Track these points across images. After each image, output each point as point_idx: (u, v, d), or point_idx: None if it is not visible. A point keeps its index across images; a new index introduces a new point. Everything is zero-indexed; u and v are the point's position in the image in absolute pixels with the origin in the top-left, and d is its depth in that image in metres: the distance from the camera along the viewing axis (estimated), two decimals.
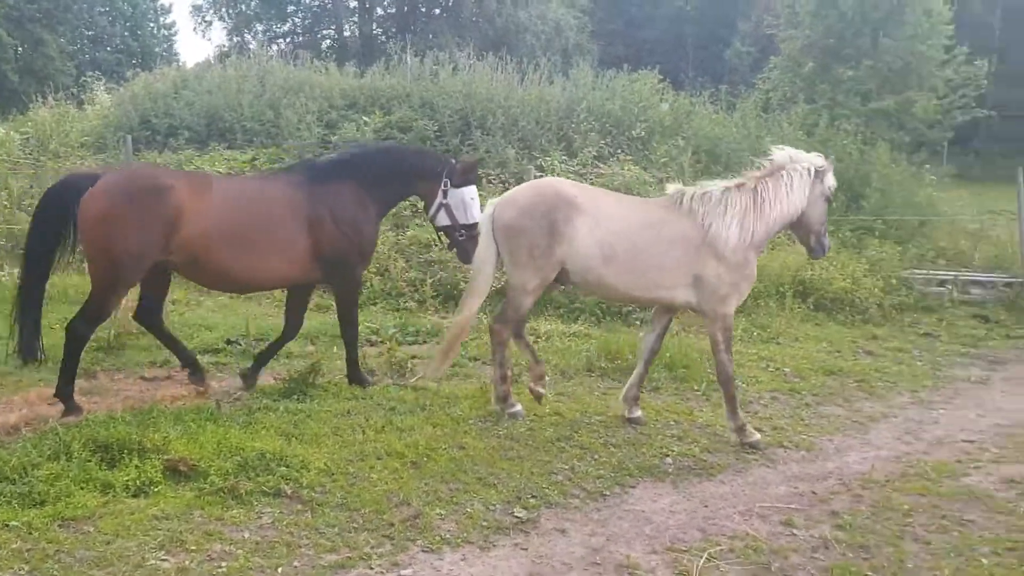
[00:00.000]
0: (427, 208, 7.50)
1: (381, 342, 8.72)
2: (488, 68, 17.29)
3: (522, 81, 17.13)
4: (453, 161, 7.41)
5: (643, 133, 15.21)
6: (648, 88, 17.10)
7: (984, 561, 4.96)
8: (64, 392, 6.46)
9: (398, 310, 10.20)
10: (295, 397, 6.96)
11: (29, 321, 6.53)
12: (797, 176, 6.64)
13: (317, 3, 46.37)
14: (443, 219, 7.33)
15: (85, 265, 7.34)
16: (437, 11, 43.54)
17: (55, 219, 6.45)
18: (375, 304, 10.29)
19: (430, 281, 10.50)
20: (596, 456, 6.24)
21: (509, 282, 6.80)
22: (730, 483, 5.98)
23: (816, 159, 6.83)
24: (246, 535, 4.73)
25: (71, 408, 6.42)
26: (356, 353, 7.46)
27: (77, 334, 6.51)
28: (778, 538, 5.17)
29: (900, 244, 13.72)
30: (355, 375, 7.45)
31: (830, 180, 6.81)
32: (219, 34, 75.51)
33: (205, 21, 47.32)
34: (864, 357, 9.69)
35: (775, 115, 18.01)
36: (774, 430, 7.13)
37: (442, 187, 7.23)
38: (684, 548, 4.96)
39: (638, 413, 7.01)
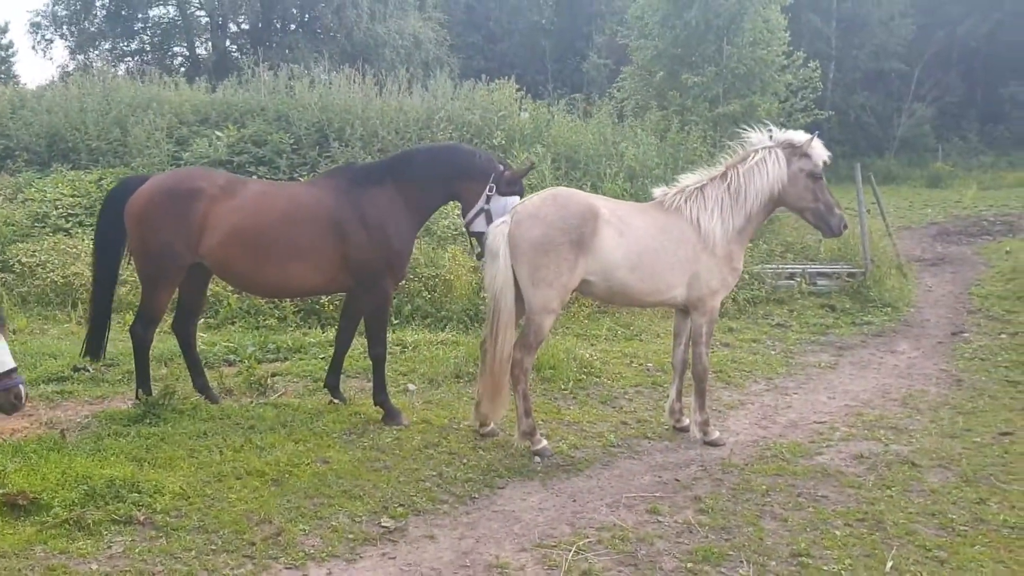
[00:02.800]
0: (464, 211, 6.91)
1: (240, 361, 8.41)
2: (345, 80, 17.07)
3: (380, 92, 16.98)
4: (502, 168, 6.86)
5: (503, 141, 15.32)
6: (507, 97, 17.26)
7: (837, 533, 5.19)
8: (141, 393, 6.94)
9: (258, 328, 9.88)
10: (148, 421, 6.61)
11: (96, 322, 7.05)
12: (771, 157, 6.59)
13: (167, 20, 44.72)
14: (480, 225, 6.74)
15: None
16: (293, 26, 42.73)
17: (111, 221, 6.85)
18: (233, 324, 9.94)
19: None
20: (465, 460, 6.19)
21: (530, 305, 6.26)
22: (597, 477, 6.05)
23: (794, 135, 6.72)
24: (94, 567, 4.46)
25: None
26: (383, 374, 7.01)
27: (136, 337, 6.92)
28: (644, 526, 5.26)
29: (751, 240, 14.27)
30: (380, 398, 7.00)
31: (816, 155, 6.62)
32: (62, 53, 71.58)
33: (45, 40, 44.77)
34: (722, 349, 10.02)
35: (630, 122, 18.51)
36: (639, 422, 7.27)
37: (487, 191, 6.72)
38: (553, 543, 4.97)
39: (687, 422, 6.95)
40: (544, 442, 6.47)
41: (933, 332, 11.44)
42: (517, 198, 6.68)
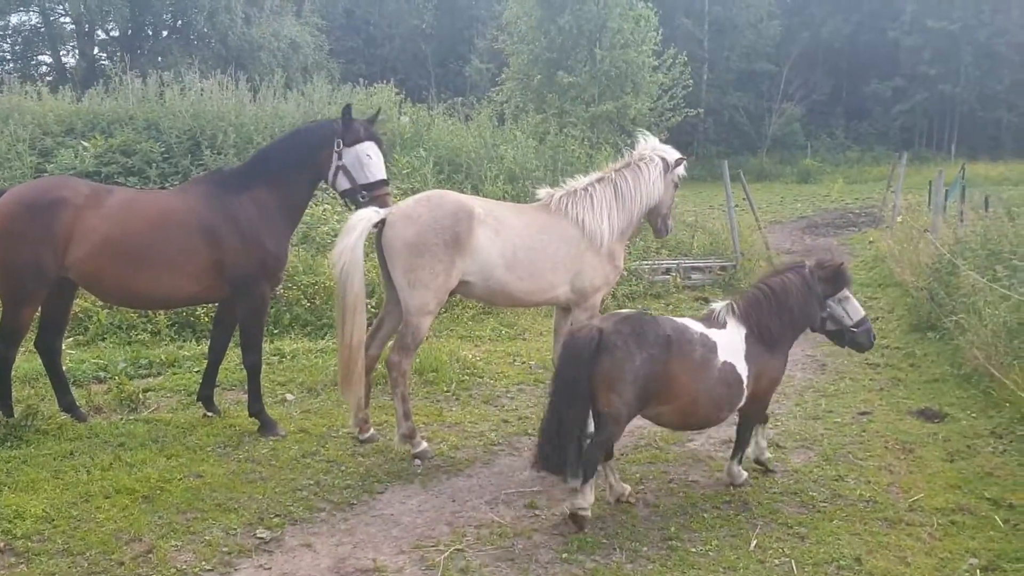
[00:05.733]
0: (326, 178, 6.68)
1: (111, 378, 8.11)
2: (219, 86, 16.65)
3: (255, 98, 16.64)
4: (344, 120, 6.56)
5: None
6: (386, 101, 17.18)
7: (706, 516, 5.41)
8: None
9: (130, 343, 9.53)
10: (8, 443, 6.32)
11: None
12: (655, 167, 6.88)
13: (28, 27, 42.63)
14: (343, 183, 6.57)
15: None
16: (165, 32, 41.39)
17: None
18: (103, 339, 9.56)
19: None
20: (343, 468, 6.15)
21: (407, 307, 6.22)
22: (478, 476, 6.11)
23: (671, 152, 7.09)
24: None
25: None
26: (258, 383, 6.86)
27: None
28: (522, 521, 5.35)
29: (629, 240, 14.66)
30: (256, 408, 6.86)
31: (681, 169, 7.15)
32: None
33: None
34: None
35: (510, 125, 18.72)
36: (520, 420, 7.37)
37: (335, 149, 6.50)
38: (432, 544, 5.00)
39: None
40: (424, 444, 6.49)
41: None
42: (372, 144, 6.55)
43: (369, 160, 6.52)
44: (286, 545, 4.98)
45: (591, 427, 5.21)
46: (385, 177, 6.64)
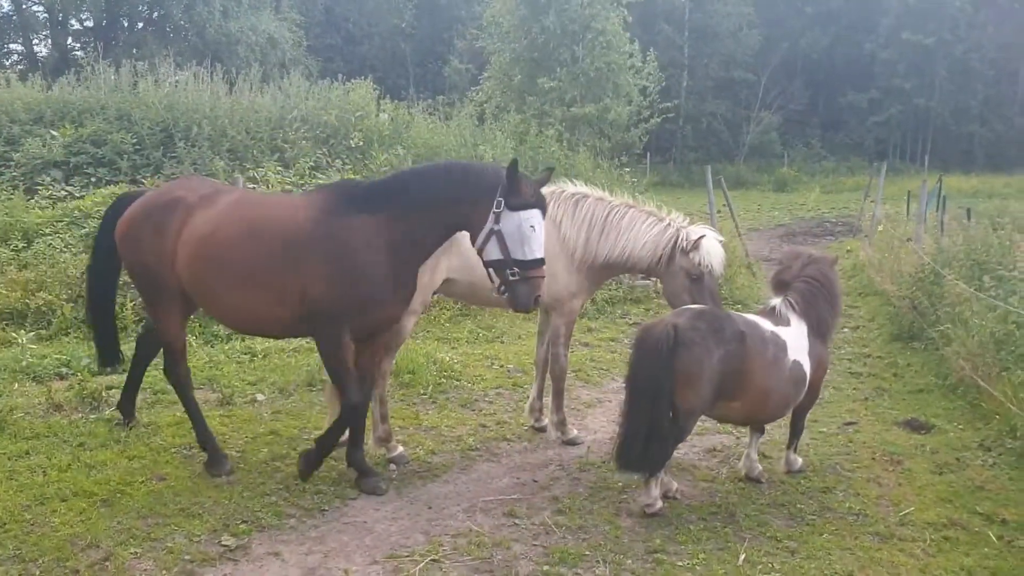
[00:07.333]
0: (473, 238, 5.34)
1: (73, 374, 7.80)
2: (193, 78, 16.31)
3: (231, 91, 16.31)
4: (513, 176, 5.15)
5: (361, 142, 14.97)
6: (364, 98, 16.91)
7: (692, 527, 5.21)
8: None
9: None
10: None
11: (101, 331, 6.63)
12: (660, 227, 6.40)
13: (0, 16, 41.84)
14: (493, 252, 5.22)
15: None
16: (141, 24, 40.80)
17: (106, 240, 6.16)
18: (67, 335, 9.21)
19: (131, 305, 9.57)
20: (315, 471, 5.89)
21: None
22: (455, 482, 5.88)
23: (695, 233, 6.28)
24: None
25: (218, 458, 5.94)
26: (360, 427, 5.71)
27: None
28: (501, 530, 5.13)
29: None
30: (355, 457, 5.75)
31: (699, 258, 6.26)
32: None
33: None
34: (581, 348, 10.03)
35: (490, 124, 18.51)
36: (498, 424, 7.15)
37: (494, 208, 5.14)
38: (406, 554, 4.78)
39: (546, 422, 6.93)
40: (400, 448, 6.27)
41: None
42: (538, 213, 5.19)
43: (532, 233, 5.16)
44: (253, 553, 4.73)
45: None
46: (543, 256, 5.29)
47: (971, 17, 46.78)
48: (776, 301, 5.88)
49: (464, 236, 5.59)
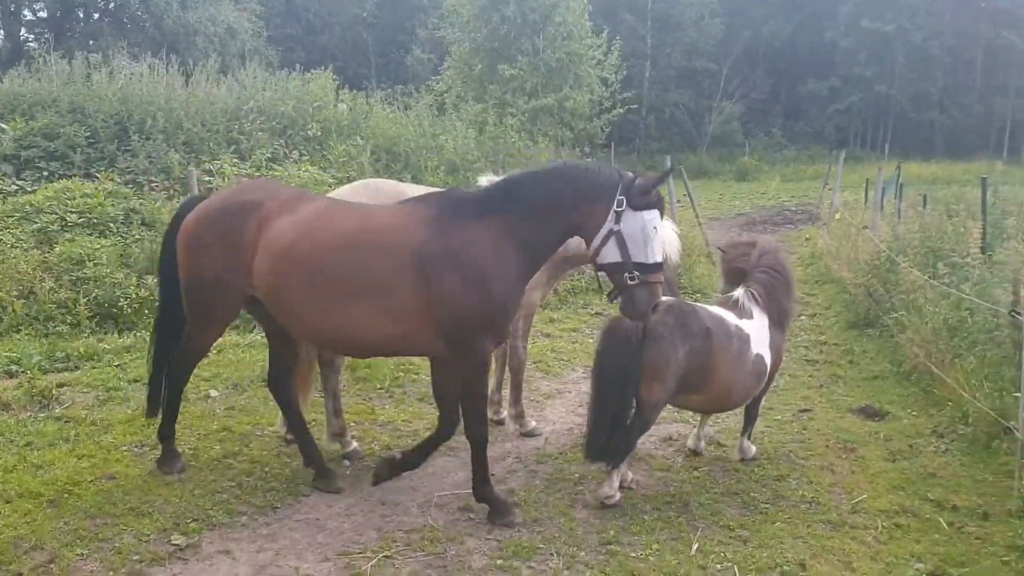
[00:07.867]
0: (589, 239, 5.02)
1: (23, 372, 7.64)
2: (148, 70, 16.02)
3: (187, 83, 16.06)
4: (632, 175, 4.98)
5: (319, 133, 14.82)
6: (322, 88, 16.75)
7: (646, 518, 5.23)
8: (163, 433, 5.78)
9: (47, 335, 9.01)
10: None
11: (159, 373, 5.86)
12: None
13: None
14: (611, 254, 4.91)
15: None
16: (97, 15, 40.04)
17: (171, 247, 5.64)
18: (18, 332, 9.02)
19: (84, 300, 9.40)
20: (268, 469, 5.83)
21: None
22: (409, 477, 5.81)
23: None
24: None
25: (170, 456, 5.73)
26: (484, 459, 5.27)
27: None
28: (455, 525, 5.11)
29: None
30: (482, 491, 5.28)
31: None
32: None
33: None
34: (542, 339, 10.03)
35: (450, 114, 18.42)
36: None
37: (615, 208, 4.87)
38: (359, 551, 4.74)
39: (504, 415, 6.97)
40: (355, 444, 6.22)
41: None
42: (656, 213, 4.93)
43: (655, 234, 4.90)
44: (203, 552, 4.67)
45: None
46: (661, 260, 5.07)
47: (929, 5, 47.35)
48: (739, 293, 5.94)
49: None
